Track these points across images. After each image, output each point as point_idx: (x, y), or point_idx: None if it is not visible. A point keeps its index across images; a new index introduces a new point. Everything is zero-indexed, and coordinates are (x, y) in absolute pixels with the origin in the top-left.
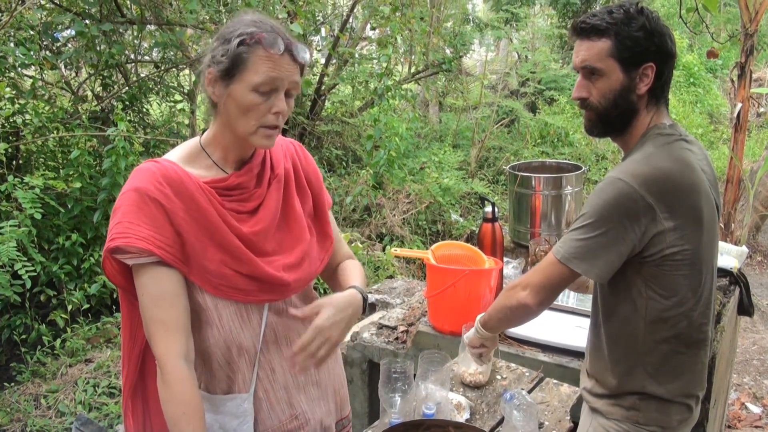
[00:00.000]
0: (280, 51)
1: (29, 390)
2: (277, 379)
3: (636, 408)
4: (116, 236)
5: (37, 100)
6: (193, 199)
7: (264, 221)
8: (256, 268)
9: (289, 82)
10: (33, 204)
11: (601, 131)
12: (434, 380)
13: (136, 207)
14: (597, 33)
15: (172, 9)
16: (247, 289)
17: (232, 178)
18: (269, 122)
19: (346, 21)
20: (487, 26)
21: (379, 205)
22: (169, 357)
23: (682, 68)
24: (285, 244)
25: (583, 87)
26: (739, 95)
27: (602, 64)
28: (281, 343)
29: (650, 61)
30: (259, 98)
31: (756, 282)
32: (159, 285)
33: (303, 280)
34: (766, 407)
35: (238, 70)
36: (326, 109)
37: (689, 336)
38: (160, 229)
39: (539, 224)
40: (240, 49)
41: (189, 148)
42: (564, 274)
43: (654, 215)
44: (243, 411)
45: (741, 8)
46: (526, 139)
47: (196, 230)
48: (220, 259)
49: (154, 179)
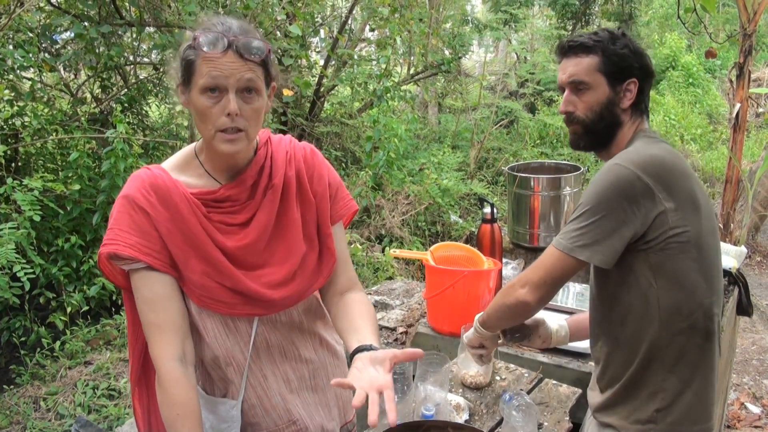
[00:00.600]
0: (221, 49)
1: (29, 392)
2: (270, 386)
3: (653, 421)
4: (107, 242)
5: (36, 102)
6: (177, 209)
7: (253, 234)
8: (239, 283)
9: (237, 80)
10: (32, 206)
11: (587, 144)
12: (433, 381)
13: (126, 214)
14: (584, 50)
15: (170, 11)
16: (230, 302)
17: (222, 191)
18: (224, 125)
19: (345, 22)
20: (486, 27)
21: (378, 207)
22: (164, 360)
23: (681, 69)
24: (276, 257)
25: (570, 102)
26: (738, 95)
27: (589, 77)
28: (274, 352)
29: (634, 76)
30: (208, 101)
31: (755, 282)
32: (151, 289)
33: (292, 297)
34: (765, 407)
35: (189, 75)
36: (325, 111)
37: (705, 327)
38: (147, 236)
39: (538, 225)
40: (187, 53)
41: (184, 156)
42: (566, 266)
43: (653, 196)
44: (231, 417)
45: (739, 8)
46: (525, 140)
47: (179, 240)
48: (202, 270)
49: (142, 187)
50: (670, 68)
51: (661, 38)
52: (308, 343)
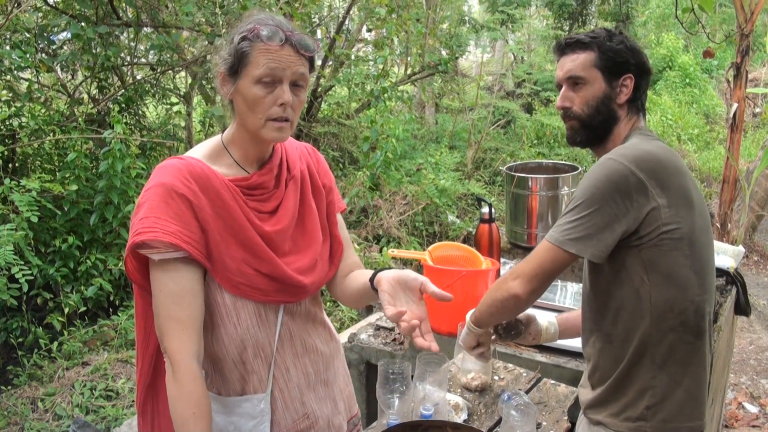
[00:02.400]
0: (279, 42)
1: (26, 393)
2: (291, 379)
3: (644, 418)
4: (142, 231)
5: (33, 102)
6: (219, 195)
7: (283, 221)
8: (277, 268)
9: (292, 72)
10: (29, 207)
11: (583, 139)
12: (432, 381)
13: (163, 202)
14: (581, 47)
15: (168, 11)
16: (266, 289)
17: (255, 178)
18: (276, 114)
19: (342, 23)
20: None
21: (375, 207)
22: (183, 355)
23: (678, 69)
24: (300, 246)
25: (567, 97)
26: (735, 95)
27: (586, 73)
28: (296, 343)
29: (630, 72)
30: (262, 91)
31: (753, 282)
32: (180, 282)
33: (317, 283)
34: (763, 407)
35: (242, 65)
36: (323, 111)
37: (696, 325)
38: (187, 224)
39: (536, 225)
40: (242, 44)
41: (212, 147)
42: (558, 259)
43: (646, 191)
44: (260, 411)
45: (737, 8)
46: (523, 140)
47: (220, 227)
48: (241, 257)
49: (181, 175)
50: (667, 68)
51: (658, 38)
52: (321, 334)
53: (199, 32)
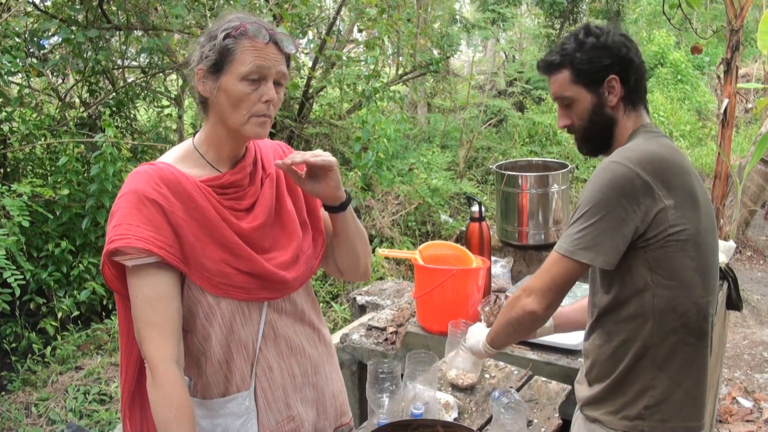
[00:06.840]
0: (266, 40)
1: (20, 398)
2: (274, 378)
3: (642, 418)
4: (115, 238)
5: (24, 107)
6: (191, 198)
7: (261, 217)
8: (257, 265)
9: (276, 71)
10: (21, 212)
11: (590, 149)
12: (422, 380)
13: (135, 209)
14: (555, 67)
15: (157, 14)
16: (247, 287)
17: (227, 176)
18: (261, 111)
19: (333, 23)
20: (474, 27)
21: (368, 207)
22: (162, 359)
23: (670, 65)
24: (280, 242)
25: (564, 116)
26: (726, 91)
27: (569, 92)
28: (280, 342)
29: (611, 73)
30: (248, 87)
31: (746, 277)
32: (155, 287)
33: (300, 278)
34: (757, 401)
35: (226, 62)
36: (314, 112)
37: (698, 327)
38: (160, 229)
39: (527, 223)
40: (226, 41)
41: (182, 150)
42: (570, 270)
43: (653, 193)
44: (245, 409)
45: (726, 4)
46: (515, 139)
47: (195, 229)
48: (220, 258)
49: (152, 181)
50: (658, 65)
51: (650, 35)
52: (310, 336)
53: (189, 34)
